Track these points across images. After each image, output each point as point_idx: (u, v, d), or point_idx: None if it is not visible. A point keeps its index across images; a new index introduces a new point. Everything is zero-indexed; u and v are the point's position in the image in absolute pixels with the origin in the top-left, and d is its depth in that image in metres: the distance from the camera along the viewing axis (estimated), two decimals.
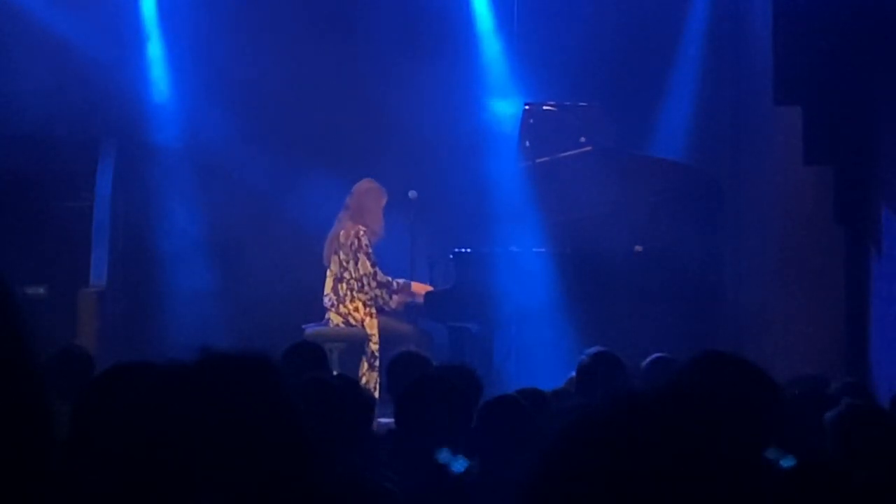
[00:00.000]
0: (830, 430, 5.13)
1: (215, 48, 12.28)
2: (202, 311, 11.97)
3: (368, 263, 11.12)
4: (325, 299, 11.21)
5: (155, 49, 12.53)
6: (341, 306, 11.12)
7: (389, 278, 11.22)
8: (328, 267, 11.25)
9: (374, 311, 11.13)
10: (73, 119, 11.66)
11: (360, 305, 11.11)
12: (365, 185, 11.31)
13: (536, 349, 10.74)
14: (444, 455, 5.06)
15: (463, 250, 11.17)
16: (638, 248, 11.18)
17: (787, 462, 4.63)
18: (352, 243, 11.12)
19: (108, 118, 12.03)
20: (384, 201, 11.28)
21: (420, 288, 11.25)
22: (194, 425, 1.87)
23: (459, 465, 5.07)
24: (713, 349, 3.70)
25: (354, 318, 11.09)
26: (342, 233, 11.18)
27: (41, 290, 11.91)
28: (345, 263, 11.14)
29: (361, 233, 11.11)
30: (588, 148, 11.35)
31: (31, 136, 11.67)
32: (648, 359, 7.40)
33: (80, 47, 11.97)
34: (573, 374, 7.64)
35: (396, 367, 7.17)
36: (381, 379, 10.56)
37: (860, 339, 10.39)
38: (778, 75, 10.48)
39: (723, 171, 12.02)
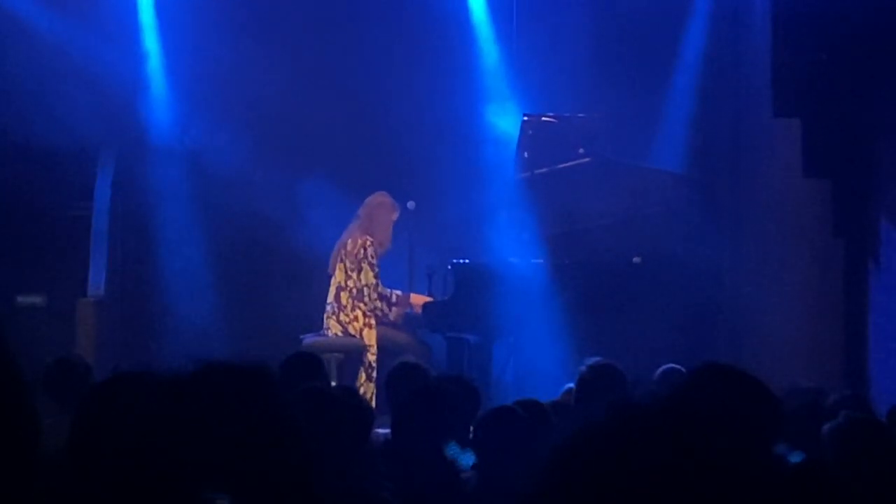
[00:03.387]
0: (829, 441, 5.13)
1: (215, 57, 12.28)
2: (201, 320, 11.96)
3: (371, 274, 11.12)
4: (328, 307, 11.22)
5: (154, 57, 12.53)
6: (342, 314, 11.12)
7: (389, 291, 11.23)
8: (332, 275, 11.26)
9: (373, 321, 11.13)
10: (71, 128, 11.65)
11: (360, 315, 11.11)
12: (378, 198, 11.33)
13: (535, 360, 10.73)
14: (452, 450, 5.06)
15: (461, 261, 11.17)
16: (636, 258, 11.19)
17: (796, 457, 4.63)
18: (358, 252, 11.13)
19: (106, 127, 12.02)
20: (395, 216, 11.30)
21: (418, 299, 11.25)
22: (193, 434, 1.87)
23: (468, 459, 5.07)
24: (713, 362, 3.70)
25: (354, 327, 11.09)
26: (349, 242, 11.19)
27: (39, 300, 11.92)
28: (350, 272, 11.15)
29: (368, 243, 11.13)
30: (586, 159, 11.35)
31: (29, 144, 11.66)
32: (660, 370, 7.41)
33: (78, 56, 11.97)
34: (570, 385, 7.64)
35: (395, 377, 7.17)
36: (378, 390, 10.56)
37: (859, 351, 10.40)
38: (777, 88, 10.49)
39: (721, 182, 12.02)
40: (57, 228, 12.02)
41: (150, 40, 12.53)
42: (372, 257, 11.12)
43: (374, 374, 10.87)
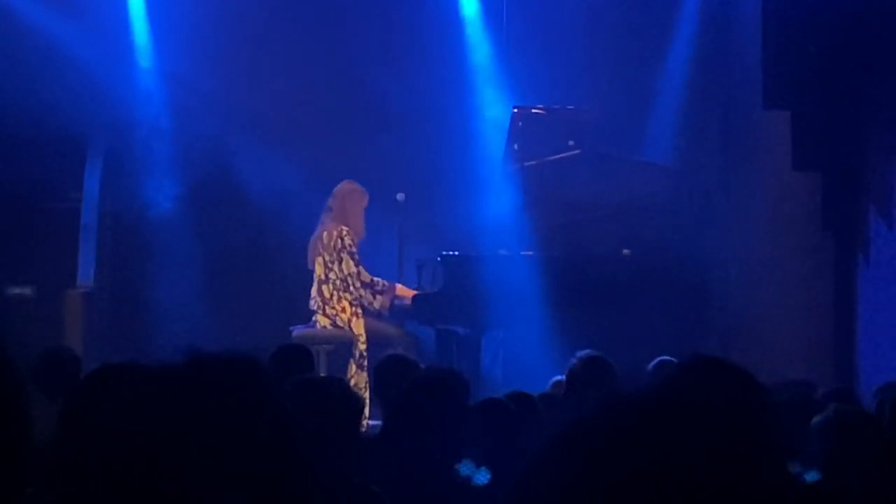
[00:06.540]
0: (817, 435, 5.14)
1: (205, 48, 12.26)
2: (189, 312, 11.95)
3: (352, 263, 11.09)
4: (311, 302, 11.18)
5: (144, 49, 12.50)
6: (327, 308, 11.10)
7: (373, 278, 11.20)
8: (312, 270, 11.22)
9: (359, 311, 11.11)
10: (60, 119, 11.62)
11: (347, 305, 11.09)
12: (346, 186, 11.27)
13: (524, 352, 10.74)
14: (465, 468, 5.05)
15: (451, 253, 11.17)
16: (626, 251, 11.19)
17: (812, 476, 4.63)
18: (335, 244, 11.10)
19: (95, 118, 11.99)
20: (365, 202, 11.25)
21: (404, 291, 11.23)
22: (182, 427, 1.87)
23: (482, 477, 5.05)
24: (702, 354, 3.70)
25: (341, 318, 11.08)
26: (325, 234, 11.16)
27: (28, 291, 11.89)
28: (329, 265, 11.12)
29: (345, 233, 11.09)
30: (576, 151, 11.36)
31: (18, 135, 11.63)
32: (654, 362, 7.43)
33: (67, 47, 11.94)
34: (559, 377, 7.65)
35: (383, 370, 7.17)
36: (370, 379, 10.55)
37: (847, 345, 10.42)
38: (767, 81, 10.50)
39: (711, 175, 12.03)
40: (46, 219, 12.00)
41: (140, 30, 12.50)
42: (350, 246, 11.09)
43: (366, 364, 10.85)
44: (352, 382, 10.57)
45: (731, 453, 1.50)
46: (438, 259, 11.20)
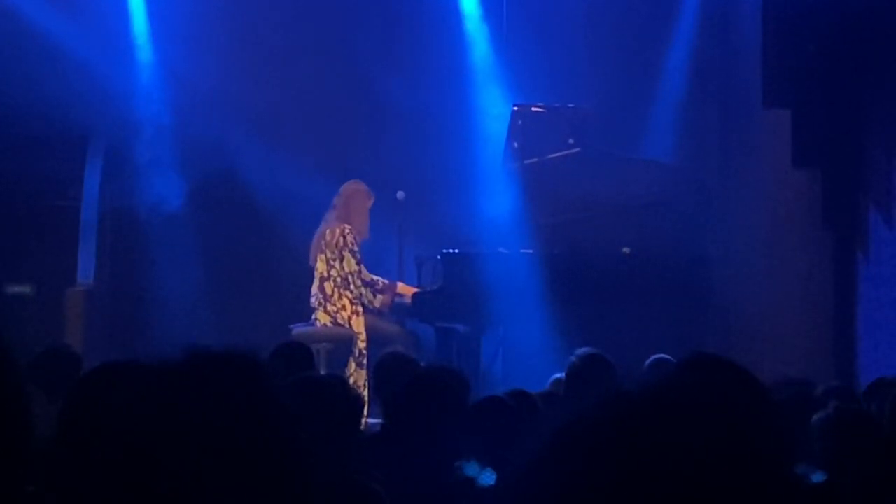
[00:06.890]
0: (817, 433, 5.14)
1: (205, 46, 12.25)
2: (189, 310, 11.95)
3: (353, 261, 11.10)
4: (312, 299, 11.19)
5: (144, 47, 12.49)
6: (328, 305, 11.10)
7: (374, 277, 11.20)
8: (314, 266, 11.22)
9: (360, 309, 11.11)
10: (60, 118, 11.61)
11: (347, 303, 11.09)
12: (352, 186, 11.28)
13: (524, 351, 10.73)
14: (470, 468, 5.04)
15: (451, 251, 11.16)
16: (626, 250, 11.19)
17: (818, 477, 4.62)
18: (337, 241, 11.10)
19: (95, 117, 11.98)
20: (370, 203, 11.26)
21: (406, 289, 11.23)
22: (181, 425, 1.86)
23: (487, 477, 5.04)
24: (701, 352, 3.70)
25: (342, 316, 11.07)
26: (328, 232, 11.16)
27: (28, 290, 11.89)
28: (332, 262, 11.12)
29: (347, 231, 11.10)
30: (576, 150, 11.36)
31: (18, 134, 11.62)
32: (650, 359, 7.43)
33: (67, 45, 11.93)
34: (559, 375, 7.65)
35: (383, 368, 7.17)
36: (369, 377, 10.54)
37: (848, 343, 10.43)
38: (767, 78, 10.51)
39: (711, 173, 12.03)
40: (46, 217, 11.99)
41: (140, 27, 12.49)
42: (352, 244, 11.09)
43: (365, 362, 10.85)
44: (351, 381, 10.57)
45: (731, 452, 1.50)
46: (438, 257, 11.20)
